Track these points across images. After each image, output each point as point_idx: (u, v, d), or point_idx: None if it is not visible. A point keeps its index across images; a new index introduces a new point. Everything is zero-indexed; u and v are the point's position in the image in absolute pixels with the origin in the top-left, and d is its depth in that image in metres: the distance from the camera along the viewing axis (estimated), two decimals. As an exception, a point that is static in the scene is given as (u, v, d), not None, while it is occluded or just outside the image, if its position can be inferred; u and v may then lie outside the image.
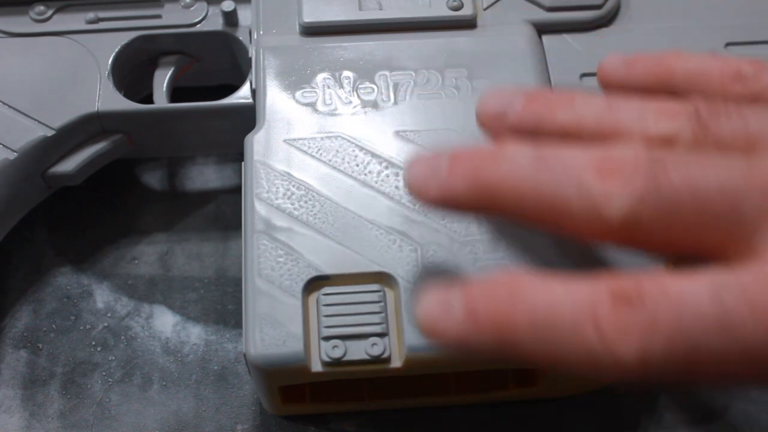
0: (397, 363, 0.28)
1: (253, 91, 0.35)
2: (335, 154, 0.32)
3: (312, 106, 0.33)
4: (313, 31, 0.35)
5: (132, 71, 0.38)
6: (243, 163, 0.32)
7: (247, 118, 0.34)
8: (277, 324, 0.28)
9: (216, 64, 0.39)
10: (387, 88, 0.34)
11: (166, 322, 0.36)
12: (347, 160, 0.32)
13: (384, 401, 0.33)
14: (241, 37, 0.38)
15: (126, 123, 0.36)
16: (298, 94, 0.34)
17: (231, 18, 0.38)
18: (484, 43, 0.35)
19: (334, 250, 0.30)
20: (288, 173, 0.32)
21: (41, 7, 0.38)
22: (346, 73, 0.34)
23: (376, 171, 0.32)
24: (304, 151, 0.32)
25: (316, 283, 0.29)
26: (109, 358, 0.35)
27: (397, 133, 0.33)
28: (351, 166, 0.32)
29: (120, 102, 0.36)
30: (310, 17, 0.35)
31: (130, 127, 0.37)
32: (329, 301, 0.29)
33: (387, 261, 0.30)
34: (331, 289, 0.29)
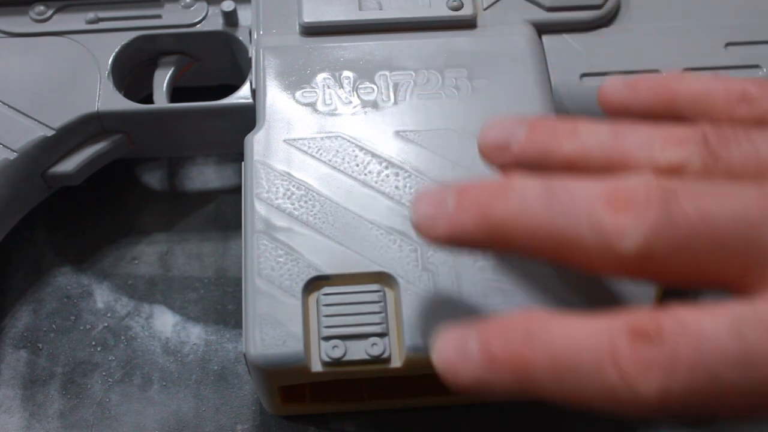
0: (397, 363, 0.28)
1: (253, 91, 0.35)
2: (335, 154, 0.32)
3: (312, 106, 0.33)
4: (313, 31, 0.35)
5: (132, 71, 0.38)
6: (243, 163, 0.32)
7: (247, 118, 0.34)
8: (277, 324, 0.28)
9: (216, 64, 0.39)
10: (387, 88, 0.34)
11: (166, 322, 0.36)
12: (347, 160, 0.32)
13: (384, 401, 0.33)
14: (241, 37, 0.38)
15: (126, 123, 0.36)
16: (298, 94, 0.34)
17: (231, 18, 0.38)
18: (484, 43, 0.35)
19: (334, 250, 0.30)
20: (288, 173, 0.31)
21: (41, 7, 0.38)
22: (346, 73, 0.34)
23: (376, 171, 0.32)
24: (304, 151, 0.32)
25: (316, 283, 0.29)
26: (109, 358, 0.35)
27: (397, 133, 0.32)
28: (351, 166, 0.32)
29: (120, 102, 0.36)
30: (310, 17, 0.35)
31: (130, 127, 0.37)
32: (329, 301, 0.29)
33: (387, 261, 0.30)
34: (331, 289, 0.29)
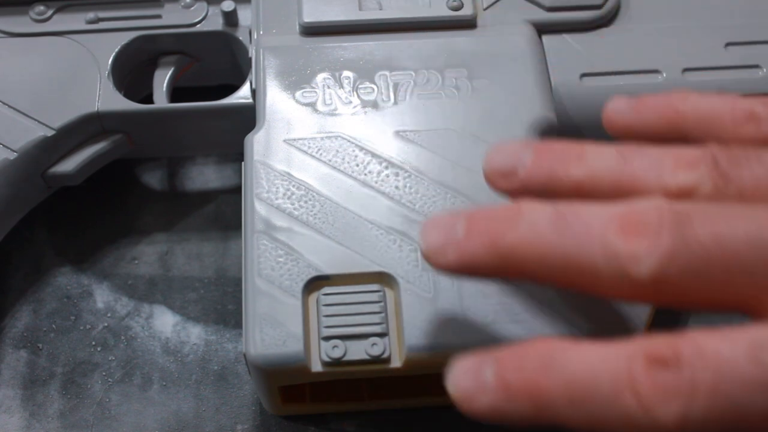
0: (397, 363, 0.28)
1: (253, 91, 0.35)
2: (335, 154, 0.32)
3: (312, 106, 0.33)
4: (313, 31, 0.35)
5: (132, 71, 0.38)
6: (243, 163, 0.32)
7: (247, 118, 0.34)
8: (277, 324, 0.28)
9: (216, 64, 0.39)
10: (387, 88, 0.34)
11: (166, 322, 0.36)
12: (347, 160, 0.32)
13: (384, 401, 0.33)
14: (241, 37, 0.38)
15: (126, 123, 0.36)
16: (298, 94, 0.34)
17: (231, 18, 0.38)
18: (484, 43, 0.35)
19: (334, 250, 0.30)
20: (288, 173, 0.31)
21: (41, 7, 0.38)
22: (346, 73, 0.34)
23: (376, 171, 0.32)
24: (304, 151, 0.32)
25: (316, 283, 0.29)
26: (109, 358, 0.35)
27: (397, 133, 0.32)
28: (351, 166, 0.32)
29: (120, 102, 0.36)
30: (310, 17, 0.35)
31: (130, 127, 0.37)
32: (329, 301, 0.29)
33: (387, 261, 0.30)
34: (331, 289, 0.29)
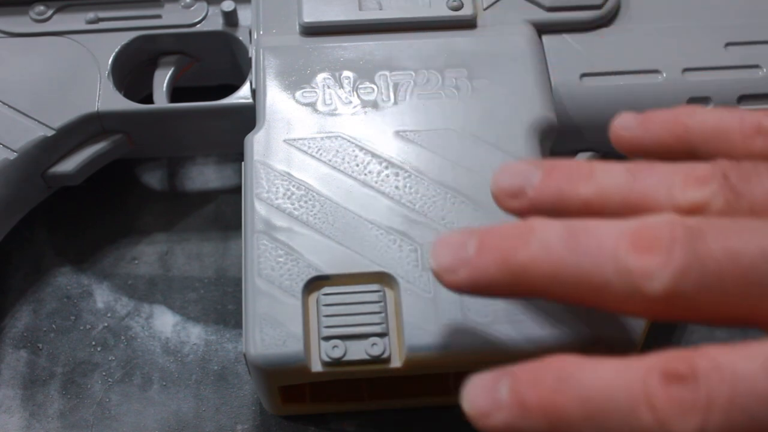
0: (397, 363, 0.28)
1: (253, 91, 0.35)
2: (335, 154, 0.32)
3: (312, 106, 0.33)
4: (313, 31, 0.35)
5: (132, 71, 0.38)
6: (243, 163, 0.32)
7: (247, 118, 0.34)
8: (277, 324, 0.28)
9: (216, 64, 0.39)
10: (387, 88, 0.34)
11: (166, 322, 0.36)
12: (347, 160, 0.32)
13: (384, 401, 0.33)
14: (241, 37, 0.38)
15: (126, 123, 0.36)
16: (298, 94, 0.34)
17: (231, 18, 0.38)
18: (484, 43, 0.35)
19: (334, 250, 0.30)
20: (288, 173, 0.31)
21: (41, 7, 0.38)
22: (346, 73, 0.34)
23: (376, 171, 0.32)
24: (304, 151, 0.32)
25: (316, 283, 0.29)
26: (109, 358, 0.35)
27: (397, 133, 0.32)
28: (351, 166, 0.32)
29: (120, 102, 0.36)
30: (310, 17, 0.35)
31: (130, 127, 0.37)
32: (329, 301, 0.29)
33: (387, 261, 0.30)
34: (331, 289, 0.29)
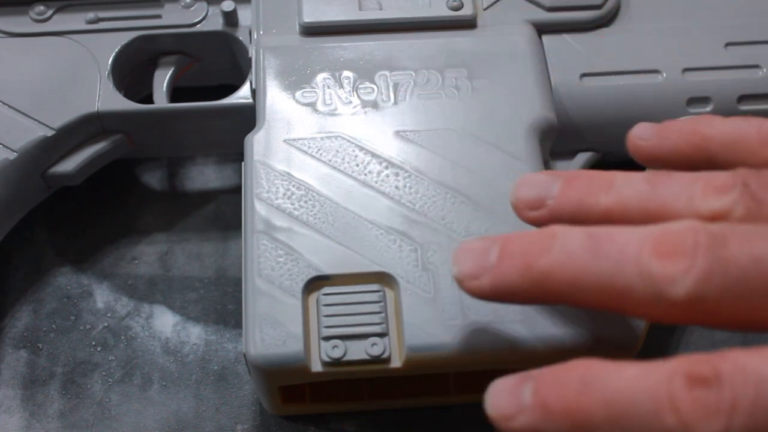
0: (397, 363, 0.28)
1: (253, 91, 0.35)
2: (335, 154, 0.32)
3: (312, 106, 0.33)
4: (313, 31, 0.35)
5: (132, 71, 0.38)
6: (243, 163, 0.32)
7: (247, 118, 0.34)
8: (277, 324, 0.28)
9: (216, 64, 0.39)
10: (387, 88, 0.34)
11: (166, 322, 0.36)
12: (347, 160, 0.32)
13: (384, 401, 0.33)
14: (241, 37, 0.38)
15: (126, 123, 0.36)
16: (298, 94, 0.34)
17: (231, 18, 0.38)
18: (484, 43, 0.35)
19: (334, 250, 0.30)
20: (288, 173, 0.31)
21: (41, 7, 0.38)
22: (346, 73, 0.34)
23: (376, 171, 0.32)
24: (304, 151, 0.32)
25: (316, 283, 0.29)
26: (109, 358, 0.35)
27: (397, 133, 0.32)
28: (351, 166, 0.32)
29: (120, 102, 0.36)
30: (310, 17, 0.35)
31: (130, 127, 0.37)
32: (329, 301, 0.29)
33: (387, 261, 0.30)
34: (331, 289, 0.29)
